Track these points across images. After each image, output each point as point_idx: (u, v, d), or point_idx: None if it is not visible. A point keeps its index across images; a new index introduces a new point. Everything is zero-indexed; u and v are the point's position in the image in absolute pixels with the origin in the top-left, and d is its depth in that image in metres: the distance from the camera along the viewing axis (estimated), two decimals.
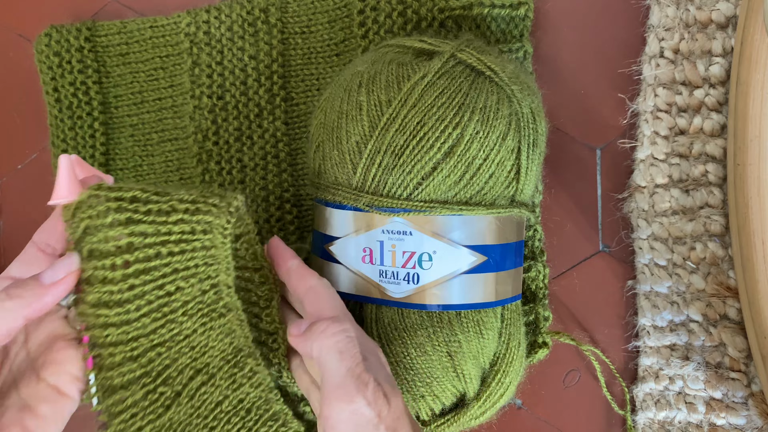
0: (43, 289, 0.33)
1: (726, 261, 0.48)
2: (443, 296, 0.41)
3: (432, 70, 0.41)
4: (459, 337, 0.42)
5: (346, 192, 0.42)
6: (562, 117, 0.52)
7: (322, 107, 0.45)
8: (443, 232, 0.41)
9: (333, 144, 0.42)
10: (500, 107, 0.41)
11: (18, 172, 0.60)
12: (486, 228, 0.42)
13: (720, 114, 0.48)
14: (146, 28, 0.55)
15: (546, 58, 0.52)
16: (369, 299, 0.43)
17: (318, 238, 0.45)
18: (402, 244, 0.41)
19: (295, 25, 0.54)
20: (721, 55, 0.48)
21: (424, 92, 0.40)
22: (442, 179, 0.40)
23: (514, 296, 0.45)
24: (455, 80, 0.41)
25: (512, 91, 0.42)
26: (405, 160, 0.40)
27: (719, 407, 0.48)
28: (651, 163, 0.50)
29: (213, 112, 0.54)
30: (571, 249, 0.52)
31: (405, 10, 0.51)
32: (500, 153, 0.41)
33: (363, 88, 0.42)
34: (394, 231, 0.41)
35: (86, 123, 0.56)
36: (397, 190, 0.40)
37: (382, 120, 0.40)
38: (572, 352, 0.52)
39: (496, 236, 0.42)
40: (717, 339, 0.48)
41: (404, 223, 0.41)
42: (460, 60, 0.42)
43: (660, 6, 0.50)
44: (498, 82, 0.42)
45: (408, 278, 0.41)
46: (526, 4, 0.50)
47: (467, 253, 0.41)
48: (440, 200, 0.40)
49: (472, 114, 0.40)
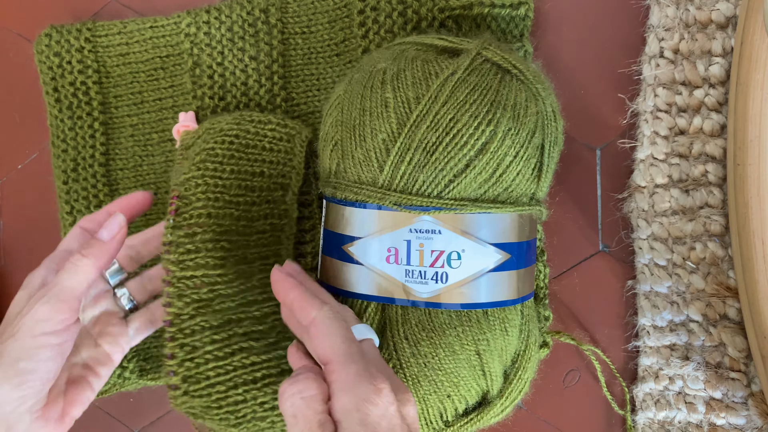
0: (105, 244, 0.42)
1: (726, 261, 0.48)
2: (471, 295, 0.41)
3: (462, 66, 0.41)
4: (487, 335, 0.41)
5: (371, 190, 0.41)
6: (562, 117, 0.52)
7: (337, 105, 0.44)
8: (472, 231, 0.41)
9: (356, 142, 0.42)
10: (529, 105, 0.41)
11: (18, 172, 0.60)
12: (509, 225, 0.42)
13: (720, 114, 0.48)
14: (146, 28, 0.55)
15: (546, 58, 0.52)
16: (393, 300, 0.42)
17: (333, 239, 0.44)
18: (431, 243, 0.41)
19: (295, 26, 0.54)
20: (721, 55, 0.48)
21: (455, 89, 0.40)
22: (474, 177, 0.40)
23: (531, 293, 0.45)
24: (485, 77, 0.41)
25: (537, 89, 0.42)
26: (438, 157, 0.39)
27: (719, 407, 0.48)
28: (651, 163, 0.50)
29: (215, 112, 0.54)
30: (571, 249, 0.52)
31: (405, 10, 0.51)
32: (528, 150, 0.41)
33: (388, 85, 0.41)
34: (422, 230, 0.41)
35: (86, 123, 0.56)
36: (428, 188, 0.40)
37: (412, 117, 0.40)
38: (572, 352, 0.52)
39: (518, 233, 0.42)
40: (717, 339, 0.48)
41: (434, 222, 0.40)
42: (486, 58, 0.42)
43: (660, 6, 0.50)
44: (524, 81, 0.42)
45: (436, 277, 0.41)
46: (526, 3, 0.50)
47: (494, 251, 0.41)
48: (470, 198, 0.40)
49: (504, 111, 0.40)
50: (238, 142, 0.45)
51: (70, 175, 0.55)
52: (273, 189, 0.46)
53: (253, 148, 0.46)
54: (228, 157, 0.44)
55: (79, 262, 0.41)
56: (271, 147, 0.47)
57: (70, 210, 0.56)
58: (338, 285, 0.44)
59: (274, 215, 0.46)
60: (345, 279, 0.43)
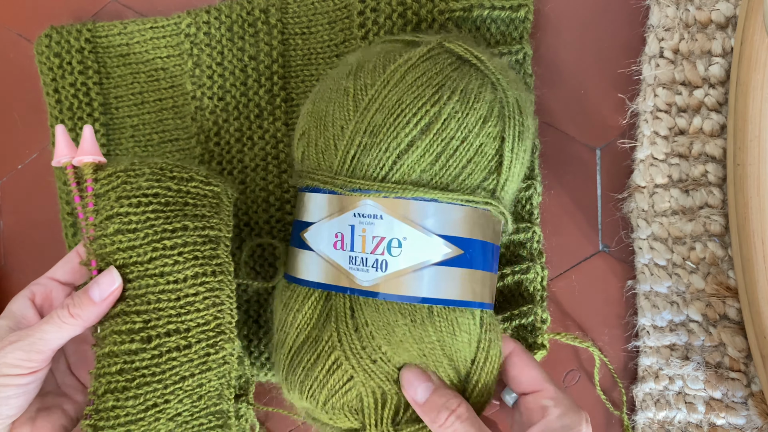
0: (95, 307, 0.40)
1: (726, 261, 0.48)
2: (411, 287, 0.39)
3: (417, 54, 0.41)
4: (432, 336, 0.39)
5: (324, 175, 0.41)
6: (562, 117, 0.52)
7: (311, 98, 0.44)
8: (416, 218, 0.39)
9: (319, 131, 0.42)
10: (482, 91, 0.40)
11: (18, 172, 0.60)
12: (462, 219, 0.40)
13: (720, 114, 0.48)
14: (146, 28, 0.55)
15: (546, 58, 0.52)
16: (338, 288, 0.40)
17: (296, 227, 0.44)
18: (372, 229, 0.39)
19: (295, 26, 0.54)
20: (721, 55, 0.48)
21: (406, 73, 0.40)
22: (417, 158, 0.39)
23: (490, 303, 0.43)
24: (438, 63, 0.40)
25: (497, 79, 0.41)
26: (381, 138, 0.39)
27: (719, 407, 0.48)
28: (651, 163, 0.50)
29: (214, 113, 0.54)
30: (570, 249, 0.52)
31: (405, 12, 0.51)
32: (480, 137, 0.39)
33: (351, 75, 0.42)
34: (365, 215, 0.39)
35: (87, 123, 0.56)
36: (372, 170, 0.39)
37: (365, 101, 0.40)
38: (572, 352, 0.52)
39: (474, 230, 0.40)
40: (717, 339, 0.48)
41: (375, 206, 0.39)
42: (447, 48, 0.42)
43: (660, 6, 0.50)
44: (483, 70, 0.41)
45: (377, 265, 0.39)
46: (526, 5, 0.50)
47: (441, 242, 0.39)
48: (416, 182, 0.39)
49: (452, 93, 0.39)
50: (157, 201, 0.42)
51: None
52: (201, 243, 0.43)
53: (174, 205, 0.43)
54: (143, 222, 0.41)
55: (66, 320, 0.40)
56: (194, 203, 0.44)
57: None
58: (294, 273, 0.43)
59: (206, 273, 0.43)
60: (299, 266, 0.42)
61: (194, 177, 0.44)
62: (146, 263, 0.41)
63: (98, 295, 0.40)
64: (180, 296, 0.42)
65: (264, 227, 0.53)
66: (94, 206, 0.41)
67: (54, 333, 0.39)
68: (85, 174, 0.41)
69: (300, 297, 0.42)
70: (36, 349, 0.39)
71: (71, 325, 0.40)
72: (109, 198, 0.41)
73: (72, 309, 0.40)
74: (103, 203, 0.41)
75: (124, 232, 0.41)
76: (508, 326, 0.49)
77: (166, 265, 0.41)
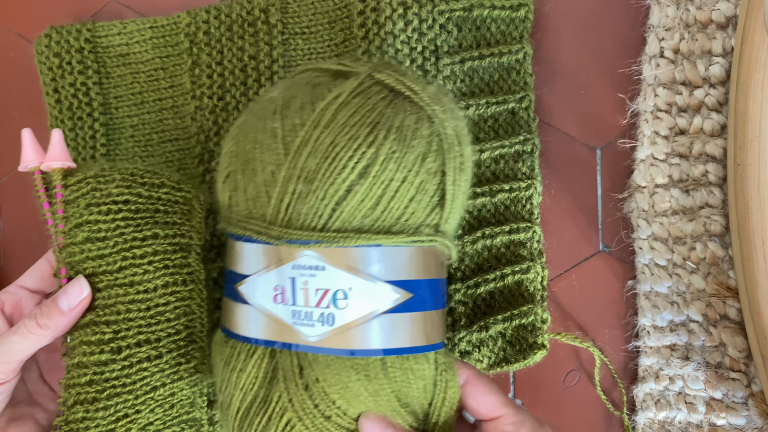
0: (64, 317, 0.39)
1: (726, 261, 0.48)
2: (363, 339, 0.37)
3: (347, 89, 0.38)
4: (387, 389, 0.37)
5: (258, 225, 0.38)
6: (562, 117, 0.52)
7: (233, 136, 0.41)
8: (360, 266, 0.37)
9: (248, 176, 0.39)
10: (419, 127, 0.38)
11: (18, 172, 0.60)
12: (409, 260, 0.38)
13: (720, 114, 0.48)
14: (146, 28, 0.55)
15: (546, 58, 0.52)
16: (282, 344, 0.38)
17: (229, 278, 0.41)
18: (314, 281, 0.37)
19: (295, 26, 0.54)
20: (721, 55, 0.48)
21: (337, 112, 0.37)
22: (357, 204, 0.36)
23: (443, 342, 0.41)
24: (371, 99, 0.38)
25: (434, 111, 0.39)
26: (317, 185, 0.36)
27: (719, 407, 0.48)
28: (651, 163, 0.50)
29: (214, 112, 0.54)
30: (570, 249, 0.52)
31: (405, 12, 0.51)
32: (420, 175, 0.37)
33: (277, 114, 0.39)
34: (305, 266, 0.37)
35: (87, 124, 0.56)
36: (310, 219, 0.37)
37: (295, 144, 0.37)
38: (572, 352, 0.52)
39: (422, 270, 0.38)
40: (717, 339, 0.48)
41: (316, 257, 0.37)
42: (378, 80, 0.39)
43: (660, 6, 0.50)
44: (418, 102, 0.39)
45: (323, 319, 0.37)
46: (526, 5, 0.50)
47: (389, 289, 0.37)
48: (357, 229, 0.37)
49: (388, 132, 0.37)
50: (127, 208, 0.41)
51: None
52: (171, 252, 0.42)
53: (144, 212, 0.42)
54: (113, 230, 0.40)
55: (34, 330, 0.39)
56: (165, 209, 0.43)
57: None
58: (232, 328, 0.40)
59: (177, 283, 0.42)
60: (237, 321, 0.39)
61: (165, 183, 0.43)
62: (116, 272, 0.40)
63: (66, 305, 0.39)
64: (150, 306, 0.41)
65: None
66: (64, 213, 0.40)
67: (22, 344, 0.38)
68: (54, 180, 0.41)
69: (242, 355, 0.39)
70: (3, 360, 0.38)
71: (39, 336, 0.39)
72: (78, 205, 0.40)
73: (40, 319, 0.39)
74: (72, 210, 0.40)
75: (93, 241, 0.40)
76: (508, 326, 0.49)
77: (136, 275, 0.41)
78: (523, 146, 0.50)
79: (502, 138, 0.51)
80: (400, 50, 0.51)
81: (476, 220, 0.51)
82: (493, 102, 0.51)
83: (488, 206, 0.51)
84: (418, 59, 0.51)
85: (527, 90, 0.51)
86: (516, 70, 0.51)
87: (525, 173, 0.50)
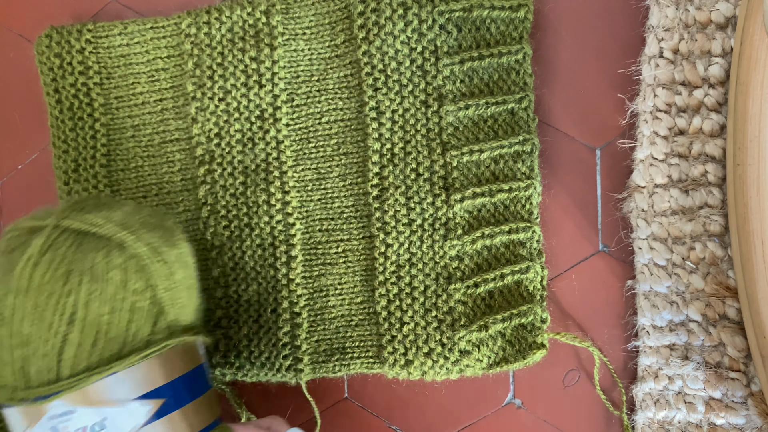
0: None
1: (725, 261, 0.48)
2: None
3: (36, 248, 0.40)
4: None
5: (6, 392, 0.40)
6: (562, 117, 0.52)
7: None
8: (105, 397, 0.39)
9: None
10: (111, 258, 0.40)
11: (18, 172, 0.60)
12: (150, 371, 0.41)
13: (719, 114, 0.49)
14: (147, 29, 0.55)
15: (546, 58, 0.52)
16: None
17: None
18: (71, 423, 0.39)
19: (296, 26, 0.54)
20: (721, 56, 0.48)
21: (32, 274, 0.39)
22: (77, 351, 0.39)
23: (215, 422, 0.44)
24: (59, 251, 0.40)
25: (121, 237, 0.41)
26: (36, 346, 0.39)
27: (719, 407, 0.48)
28: (650, 163, 0.50)
29: (215, 113, 0.54)
30: (570, 249, 0.52)
31: (405, 12, 0.51)
32: (127, 300, 0.40)
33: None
34: (59, 414, 0.39)
35: (87, 124, 0.56)
36: (43, 376, 0.39)
37: (5, 315, 0.39)
38: (572, 352, 0.52)
39: (169, 372, 0.42)
40: (716, 339, 0.48)
41: (63, 404, 0.39)
42: (64, 228, 0.41)
43: (659, 6, 0.50)
44: (105, 234, 0.41)
45: None
46: (526, 5, 0.50)
47: (137, 405, 0.40)
48: (86, 368, 0.39)
49: (81, 276, 0.39)
50: None
51: (71, 176, 0.55)
52: None
53: None
54: None
55: None
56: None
57: None
58: None
59: None
60: None
61: None
62: None
63: None
64: None
65: (265, 228, 0.53)
66: None
67: None
68: None
69: None
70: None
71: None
72: None
73: None
74: None
75: None
76: (507, 325, 0.49)
77: None
78: (523, 146, 0.50)
79: (502, 138, 0.51)
80: (400, 50, 0.52)
81: (476, 220, 0.51)
82: (493, 102, 0.51)
83: (488, 206, 0.51)
84: (417, 59, 0.52)
85: (527, 90, 0.51)
86: (516, 70, 0.51)
87: (524, 173, 0.51)
